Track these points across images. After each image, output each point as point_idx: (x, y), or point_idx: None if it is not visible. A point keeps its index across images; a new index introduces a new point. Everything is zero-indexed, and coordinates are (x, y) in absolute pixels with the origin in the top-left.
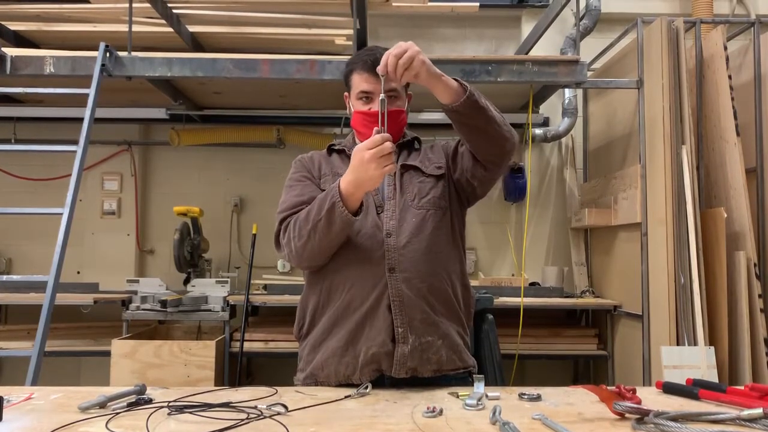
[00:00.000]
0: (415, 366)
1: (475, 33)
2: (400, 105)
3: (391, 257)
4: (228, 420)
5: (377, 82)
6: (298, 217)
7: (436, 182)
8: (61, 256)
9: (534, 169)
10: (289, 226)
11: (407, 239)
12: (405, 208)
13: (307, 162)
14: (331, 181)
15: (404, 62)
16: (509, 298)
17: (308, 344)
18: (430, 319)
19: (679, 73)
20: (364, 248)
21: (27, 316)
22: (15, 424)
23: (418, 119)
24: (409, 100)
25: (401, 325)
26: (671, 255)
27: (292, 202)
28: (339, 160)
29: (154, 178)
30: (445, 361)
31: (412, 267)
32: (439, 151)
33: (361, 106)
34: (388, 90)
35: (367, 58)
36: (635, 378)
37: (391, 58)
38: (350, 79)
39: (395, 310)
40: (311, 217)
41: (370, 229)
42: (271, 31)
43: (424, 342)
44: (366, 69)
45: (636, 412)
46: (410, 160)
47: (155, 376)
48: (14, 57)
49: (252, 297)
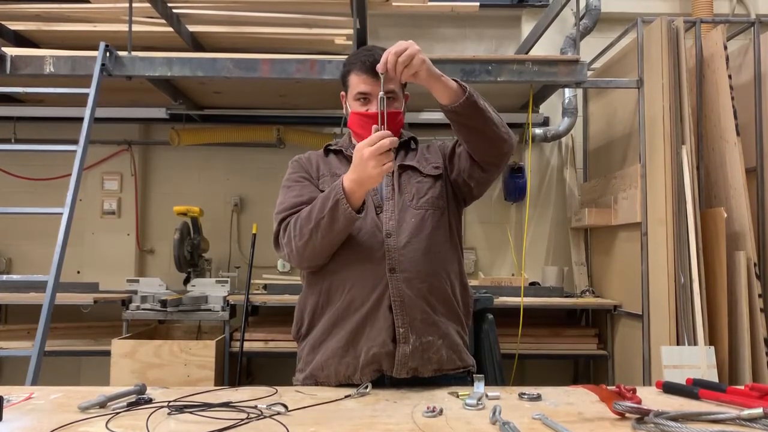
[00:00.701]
0: (416, 366)
1: (475, 33)
2: (397, 107)
3: (392, 257)
4: (228, 420)
5: (375, 84)
6: (299, 216)
7: (434, 182)
8: (61, 256)
9: (534, 168)
10: (290, 225)
11: (407, 239)
12: (404, 208)
13: (305, 162)
14: (329, 181)
15: (404, 60)
16: (509, 298)
17: (307, 345)
18: (430, 319)
19: (679, 73)
20: (365, 248)
21: (27, 316)
22: (15, 423)
23: (418, 119)
24: (406, 101)
25: (402, 326)
26: (671, 255)
27: (291, 202)
28: (336, 160)
29: (154, 177)
30: (446, 360)
31: (412, 267)
32: (436, 151)
33: (358, 107)
34: (386, 92)
35: (365, 58)
36: (635, 378)
37: (390, 56)
38: (348, 80)
39: (396, 311)
40: (313, 216)
41: (370, 229)
42: (271, 30)
43: (425, 342)
44: (364, 70)
45: (636, 412)
46: (408, 160)
47: (155, 375)
48: (14, 57)
49: (252, 297)
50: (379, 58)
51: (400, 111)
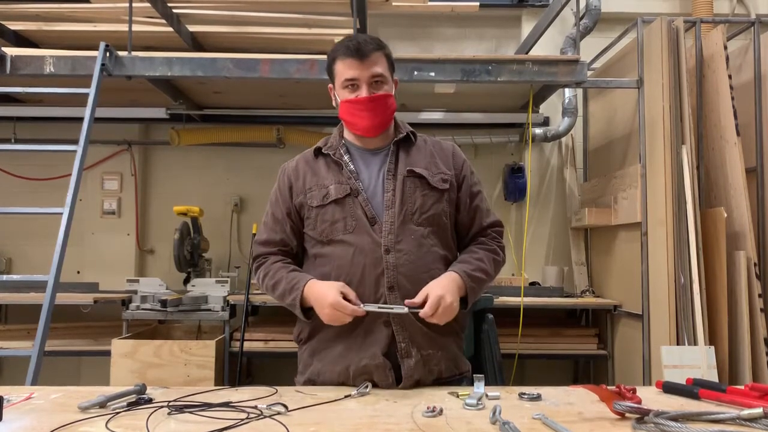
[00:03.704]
0: (420, 377)
1: (475, 33)
2: (387, 89)
3: (390, 275)
4: (228, 420)
5: (362, 68)
6: (267, 273)
7: (440, 197)
8: (61, 256)
9: (534, 168)
10: (259, 273)
11: (406, 258)
12: (405, 222)
13: (291, 174)
14: (317, 195)
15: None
16: (509, 298)
17: (308, 349)
18: (429, 335)
19: (679, 73)
20: (363, 265)
21: (27, 316)
22: (15, 423)
23: (418, 119)
24: (396, 86)
25: (403, 341)
26: (671, 255)
27: (267, 237)
28: (325, 166)
29: (154, 177)
30: (445, 369)
31: (411, 287)
32: (448, 160)
33: (347, 94)
34: (373, 75)
35: (349, 43)
36: (635, 378)
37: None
38: (333, 69)
39: (396, 328)
40: (276, 295)
41: (368, 245)
42: (271, 30)
43: (425, 355)
44: (349, 55)
45: (636, 412)
46: (414, 162)
47: (155, 375)
48: (14, 57)
49: (252, 297)
50: (362, 43)
51: (391, 94)
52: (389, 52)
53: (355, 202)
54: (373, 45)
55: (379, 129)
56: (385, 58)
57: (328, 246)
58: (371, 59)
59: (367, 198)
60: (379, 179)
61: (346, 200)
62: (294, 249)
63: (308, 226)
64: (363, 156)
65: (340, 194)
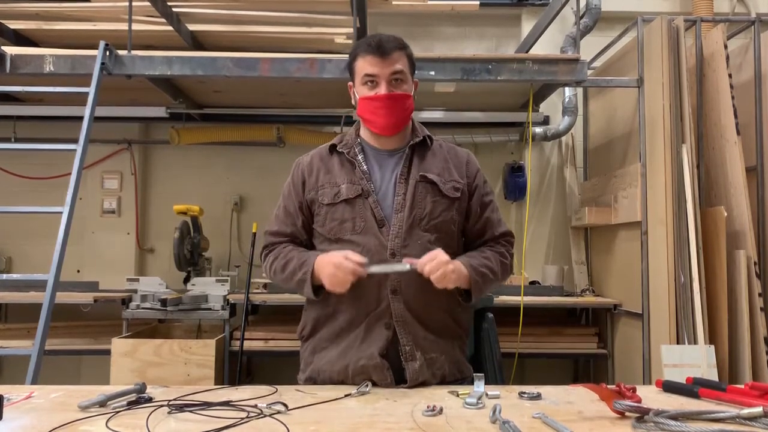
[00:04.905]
0: (425, 379)
1: (475, 31)
2: (406, 89)
3: (394, 279)
4: (228, 419)
5: (382, 65)
6: (276, 257)
7: (450, 205)
8: (61, 255)
9: (534, 167)
10: (269, 258)
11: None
12: (413, 227)
13: (305, 169)
14: (329, 193)
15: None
16: (509, 297)
17: (309, 347)
18: (432, 338)
19: (680, 72)
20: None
21: (27, 315)
22: (15, 422)
23: (418, 118)
24: (416, 88)
25: (407, 344)
26: (671, 254)
27: (278, 228)
28: (339, 164)
29: (154, 176)
30: (448, 373)
31: (414, 292)
32: (462, 168)
33: (366, 91)
34: (393, 72)
35: (370, 40)
36: (635, 377)
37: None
38: (354, 66)
39: (400, 330)
40: (285, 275)
41: (374, 247)
42: (271, 29)
43: (428, 358)
44: (370, 52)
45: (636, 411)
46: (428, 168)
47: (155, 374)
48: (14, 56)
49: (252, 296)
50: (384, 41)
51: (410, 94)
52: (411, 53)
53: (366, 203)
54: (395, 43)
55: (396, 128)
56: (406, 57)
57: (335, 244)
58: (392, 57)
59: (378, 200)
60: (392, 182)
61: (356, 200)
62: (304, 243)
63: (317, 222)
64: (377, 156)
65: (351, 194)
